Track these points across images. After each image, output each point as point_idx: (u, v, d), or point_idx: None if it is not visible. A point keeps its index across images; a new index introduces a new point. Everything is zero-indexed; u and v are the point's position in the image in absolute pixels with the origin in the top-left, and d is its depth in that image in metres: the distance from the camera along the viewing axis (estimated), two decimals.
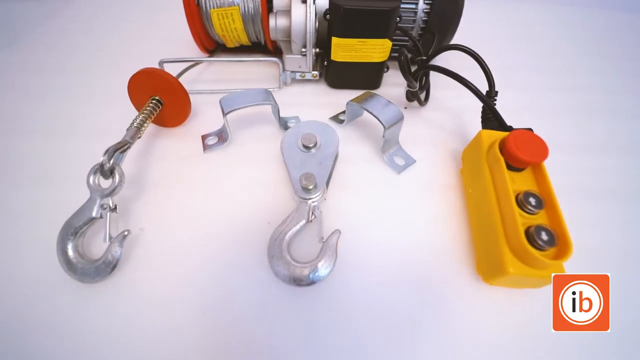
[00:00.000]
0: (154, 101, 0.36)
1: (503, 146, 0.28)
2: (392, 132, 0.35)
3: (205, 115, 0.42)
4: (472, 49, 0.35)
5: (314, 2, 0.41)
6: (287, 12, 0.43)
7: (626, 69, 0.55)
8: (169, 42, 0.55)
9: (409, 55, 0.53)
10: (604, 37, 0.64)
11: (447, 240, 0.31)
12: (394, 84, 0.48)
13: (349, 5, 0.37)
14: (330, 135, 0.33)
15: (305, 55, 0.44)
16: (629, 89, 0.51)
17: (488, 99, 0.33)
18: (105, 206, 0.28)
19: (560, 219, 0.24)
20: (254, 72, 0.50)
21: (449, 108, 0.44)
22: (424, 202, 0.33)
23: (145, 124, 0.35)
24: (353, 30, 0.39)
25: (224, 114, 0.34)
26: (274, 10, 0.45)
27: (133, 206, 0.32)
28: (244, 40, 0.50)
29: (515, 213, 0.25)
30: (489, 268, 0.27)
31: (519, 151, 0.26)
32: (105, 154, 0.28)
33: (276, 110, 0.37)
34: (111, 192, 0.28)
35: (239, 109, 0.34)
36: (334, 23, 0.39)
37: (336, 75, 0.46)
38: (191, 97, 0.39)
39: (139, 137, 0.33)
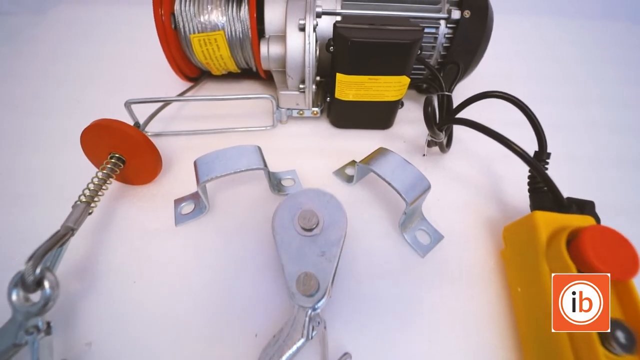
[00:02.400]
0: (112, 160, 0.29)
1: (571, 240, 0.21)
2: (416, 206, 0.27)
3: (183, 165, 0.34)
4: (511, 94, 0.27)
5: (314, 30, 0.33)
6: (282, 37, 0.36)
7: None
8: (148, 68, 0.47)
9: (424, 86, 0.46)
10: None
11: (491, 353, 0.24)
12: (408, 120, 0.41)
13: (358, 38, 0.29)
14: (336, 211, 0.26)
15: (303, 92, 0.36)
16: None
17: (539, 165, 0.25)
18: (31, 330, 0.20)
19: None
20: (244, 106, 0.42)
21: (475, 154, 0.37)
22: (456, 295, 0.26)
23: (100, 192, 0.27)
24: (363, 66, 0.32)
25: (199, 183, 0.27)
26: (266, 36, 0.37)
27: (79, 308, 0.24)
28: (232, 68, 0.43)
29: (600, 355, 0.18)
30: None
31: (599, 262, 0.19)
32: (30, 259, 0.20)
33: (267, 173, 0.30)
34: (40, 311, 0.20)
35: (217, 178, 0.27)
36: (339, 58, 0.32)
37: (340, 114, 0.38)
38: (167, 140, 0.31)
39: (90, 213, 0.26)
